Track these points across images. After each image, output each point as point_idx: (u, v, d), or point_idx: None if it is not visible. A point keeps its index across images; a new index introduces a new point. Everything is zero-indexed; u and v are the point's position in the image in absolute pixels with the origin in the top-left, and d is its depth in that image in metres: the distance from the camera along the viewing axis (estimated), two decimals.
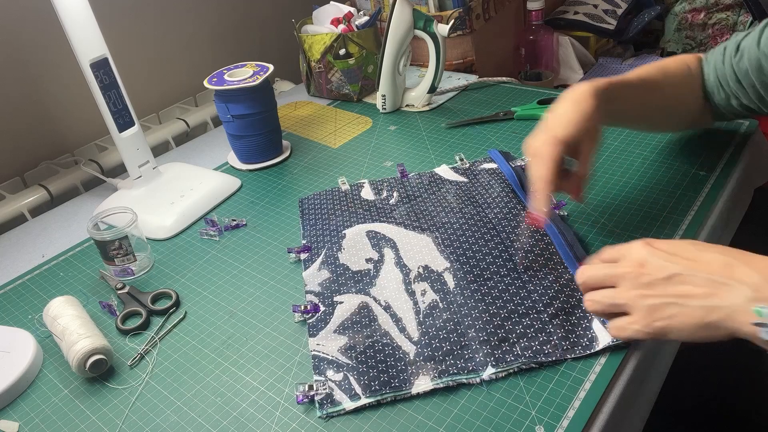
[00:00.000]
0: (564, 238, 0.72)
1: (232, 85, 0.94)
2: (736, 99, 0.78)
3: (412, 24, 1.06)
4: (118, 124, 0.90)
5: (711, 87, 0.80)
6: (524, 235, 0.73)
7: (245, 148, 1.02)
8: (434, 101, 1.16)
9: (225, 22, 1.30)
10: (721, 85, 0.78)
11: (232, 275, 0.79)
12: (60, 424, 0.62)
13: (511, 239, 0.74)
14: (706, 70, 0.80)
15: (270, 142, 1.03)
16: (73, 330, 0.67)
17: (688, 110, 0.82)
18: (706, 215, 0.76)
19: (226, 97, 0.96)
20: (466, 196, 0.85)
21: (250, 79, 0.95)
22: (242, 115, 0.97)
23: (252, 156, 1.03)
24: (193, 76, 1.27)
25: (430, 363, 0.60)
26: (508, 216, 0.79)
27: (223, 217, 0.91)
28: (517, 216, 0.78)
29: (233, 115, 0.97)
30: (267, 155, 1.03)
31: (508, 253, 0.72)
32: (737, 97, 0.77)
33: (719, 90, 0.79)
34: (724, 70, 0.77)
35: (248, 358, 0.66)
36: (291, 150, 1.07)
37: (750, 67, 0.73)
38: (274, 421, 0.58)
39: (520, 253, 0.71)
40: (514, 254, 0.72)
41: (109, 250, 0.79)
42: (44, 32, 1.01)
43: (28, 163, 1.05)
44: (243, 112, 0.96)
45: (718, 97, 0.79)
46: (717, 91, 0.79)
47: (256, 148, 1.01)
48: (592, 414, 0.55)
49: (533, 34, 1.49)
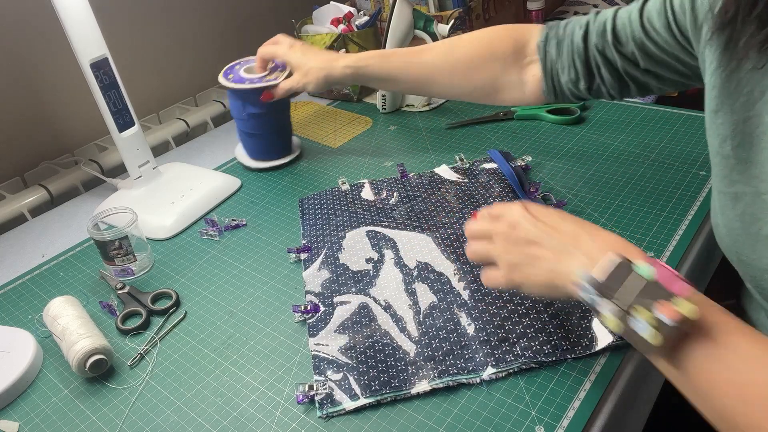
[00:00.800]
0: None
1: (254, 84, 0.93)
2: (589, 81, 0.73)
3: (412, 24, 1.06)
4: (118, 124, 0.90)
5: (560, 65, 0.75)
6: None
7: (258, 146, 1.01)
8: (434, 101, 1.16)
9: (225, 22, 1.30)
10: (574, 64, 0.74)
11: (232, 275, 0.79)
12: (60, 424, 0.62)
13: None
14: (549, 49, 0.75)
15: (282, 141, 1.03)
16: (73, 330, 0.67)
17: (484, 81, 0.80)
18: (706, 215, 0.76)
19: (244, 96, 0.94)
20: (466, 196, 0.85)
21: (269, 77, 0.94)
22: (259, 114, 0.96)
23: (264, 154, 1.02)
24: (193, 76, 1.27)
25: (430, 363, 0.60)
26: None
27: (223, 217, 0.91)
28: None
29: (250, 114, 0.95)
30: (279, 153, 1.02)
31: None
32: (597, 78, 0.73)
33: (570, 69, 0.74)
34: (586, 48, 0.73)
35: (248, 358, 0.66)
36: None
37: (636, 49, 0.68)
38: (274, 421, 0.58)
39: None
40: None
41: (109, 250, 0.79)
42: (44, 32, 1.01)
43: (28, 163, 1.05)
44: (260, 110, 0.95)
45: (566, 77, 0.74)
46: (568, 70, 0.74)
47: (270, 146, 1.01)
48: (592, 414, 0.55)
49: None
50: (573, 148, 0.95)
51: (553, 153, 0.94)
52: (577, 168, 0.89)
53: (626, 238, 0.74)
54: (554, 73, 0.76)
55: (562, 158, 0.92)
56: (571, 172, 0.89)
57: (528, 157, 0.93)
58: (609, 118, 1.02)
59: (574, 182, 0.86)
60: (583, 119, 1.03)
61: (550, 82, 0.77)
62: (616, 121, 1.01)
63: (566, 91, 0.76)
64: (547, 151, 0.95)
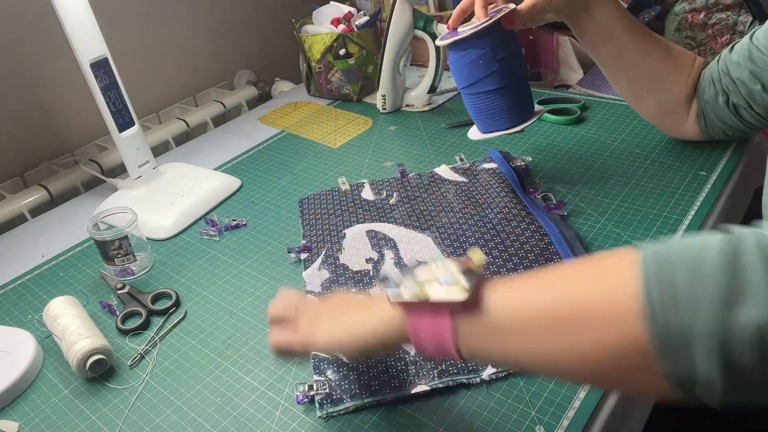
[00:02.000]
0: (564, 237, 0.72)
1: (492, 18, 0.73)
2: (725, 95, 0.78)
3: (412, 24, 1.06)
4: (118, 124, 0.90)
5: (703, 83, 0.81)
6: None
7: (511, 102, 0.77)
8: (434, 101, 1.16)
9: (225, 22, 1.30)
10: (713, 81, 0.80)
11: (232, 275, 0.79)
12: (60, 424, 0.62)
13: (511, 239, 0.74)
14: (704, 71, 0.82)
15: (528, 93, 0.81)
16: (73, 330, 0.67)
17: (669, 90, 0.82)
18: (706, 215, 0.76)
19: (490, 38, 0.74)
20: (466, 196, 0.85)
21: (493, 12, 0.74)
22: (509, 58, 0.75)
23: (521, 111, 0.79)
24: (193, 76, 1.27)
25: (430, 363, 0.60)
26: (508, 216, 0.79)
27: (223, 217, 0.91)
28: (518, 216, 0.78)
29: (501, 58, 0.74)
30: (530, 109, 0.81)
31: (507, 253, 0.72)
32: (726, 92, 0.78)
33: (710, 86, 0.80)
34: (717, 67, 0.79)
35: (248, 358, 0.66)
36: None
37: (741, 57, 0.75)
38: (274, 421, 0.58)
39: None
40: (514, 254, 0.72)
41: (109, 250, 0.79)
42: (44, 32, 1.01)
43: (28, 163, 1.05)
44: (509, 54, 0.75)
45: (708, 93, 0.80)
46: (708, 87, 0.80)
47: (525, 97, 0.79)
48: (592, 414, 0.55)
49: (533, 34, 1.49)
50: (573, 148, 0.95)
51: (553, 153, 0.94)
52: (577, 168, 0.89)
53: (626, 238, 0.74)
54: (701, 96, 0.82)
55: (562, 158, 0.92)
56: (571, 172, 0.89)
57: (528, 157, 0.93)
58: (609, 118, 1.02)
59: (574, 182, 0.86)
60: (583, 119, 1.03)
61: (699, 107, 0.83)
62: (616, 121, 1.01)
63: (711, 113, 0.82)
64: (547, 151, 0.95)
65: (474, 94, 0.78)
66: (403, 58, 1.10)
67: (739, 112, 0.78)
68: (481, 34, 0.73)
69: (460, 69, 0.77)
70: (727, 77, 0.77)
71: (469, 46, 0.74)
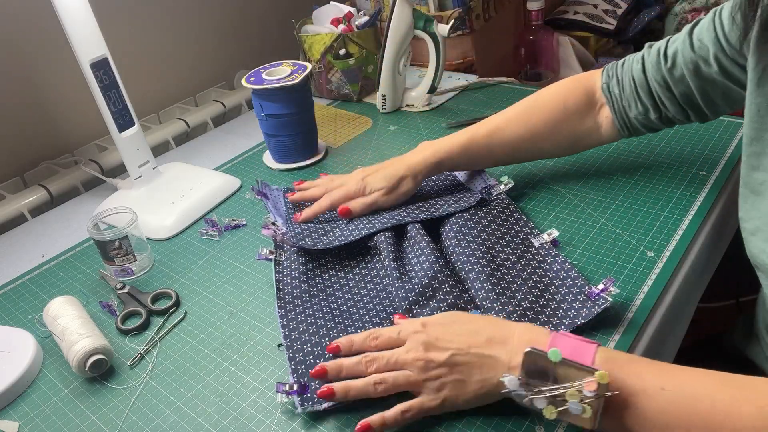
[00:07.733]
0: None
1: (271, 84, 0.93)
2: (658, 111, 0.74)
3: (412, 24, 1.06)
4: (118, 124, 0.90)
5: (625, 102, 0.76)
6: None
7: (279, 148, 1.00)
8: (434, 101, 1.16)
9: (225, 22, 1.30)
10: (639, 97, 0.75)
11: (232, 275, 0.79)
12: (60, 424, 0.62)
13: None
14: (612, 89, 0.77)
15: (305, 143, 1.01)
16: (73, 330, 0.67)
17: (565, 137, 0.80)
18: (706, 215, 0.76)
19: (262, 96, 0.95)
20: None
21: (288, 78, 0.94)
22: (276, 115, 0.96)
23: (286, 156, 1.01)
24: (193, 76, 1.27)
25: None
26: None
27: (223, 217, 0.91)
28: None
29: (267, 115, 0.96)
30: (301, 155, 1.01)
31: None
32: (661, 107, 0.74)
33: (637, 103, 0.75)
34: (646, 79, 0.74)
35: (248, 358, 0.66)
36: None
37: (687, 71, 0.70)
38: (274, 421, 0.58)
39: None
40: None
41: (109, 250, 0.79)
42: (44, 32, 1.01)
43: (28, 163, 1.05)
44: (276, 111, 0.95)
45: (635, 111, 0.76)
46: (634, 104, 0.75)
47: (291, 147, 1.00)
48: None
49: (533, 34, 1.50)
50: None
51: None
52: (577, 168, 0.89)
53: (626, 238, 0.74)
54: (622, 110, 0.77)
55: (561, 158, 0.92)
56: (570, 172, 0.89)
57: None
58: None
59: (574, 182, 0.86)
60: None
61: (621, 119, 0.78)
62: None
63: (638, 125, 0.77)
64: None
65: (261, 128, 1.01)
66: (403, 58, 1.10)
67: (671, 121, 0.76)
68: (257, 93, 0.95)
69: (254, 106, 0.98)
70: (667, 92, 0.73)
71: (253, 95, 0.96)
